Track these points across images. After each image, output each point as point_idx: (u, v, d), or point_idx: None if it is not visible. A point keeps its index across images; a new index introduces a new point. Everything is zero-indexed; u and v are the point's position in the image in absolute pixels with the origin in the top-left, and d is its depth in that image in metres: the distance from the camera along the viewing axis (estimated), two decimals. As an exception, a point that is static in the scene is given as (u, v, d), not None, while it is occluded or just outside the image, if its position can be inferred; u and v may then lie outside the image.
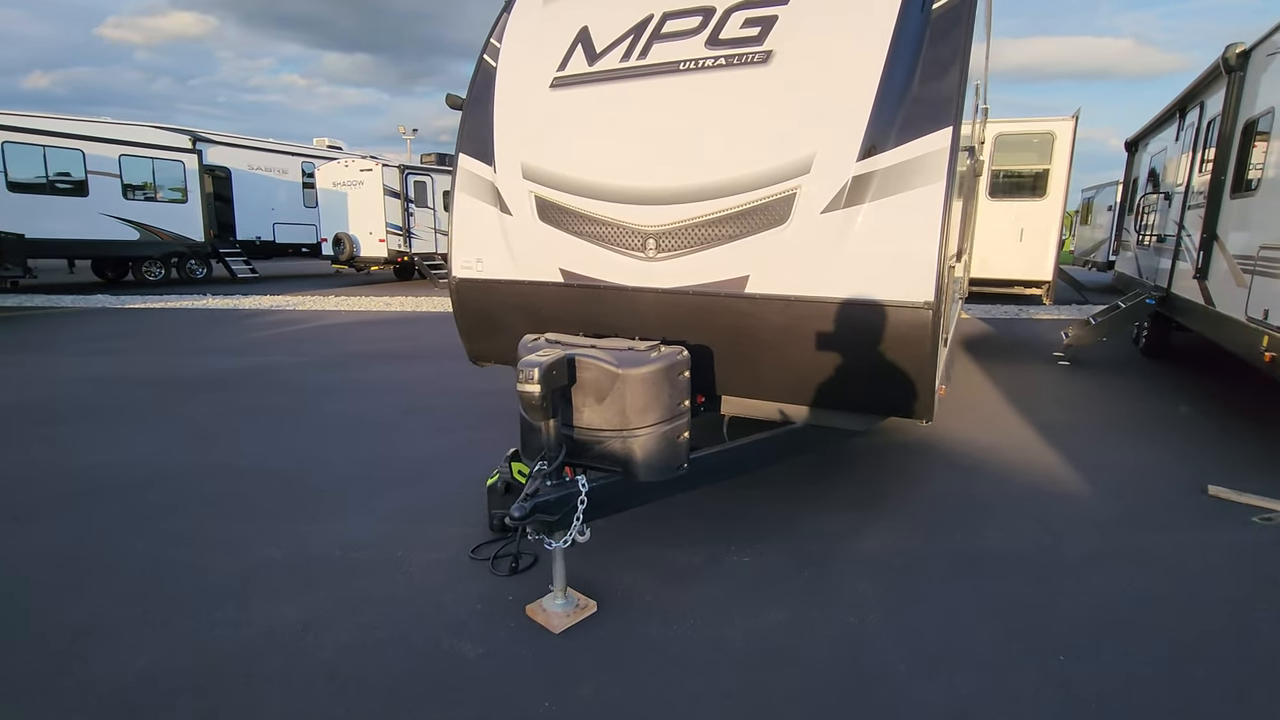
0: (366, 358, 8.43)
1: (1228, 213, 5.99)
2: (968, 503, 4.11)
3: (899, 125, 2.82)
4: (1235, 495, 4.19)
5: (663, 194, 3.29)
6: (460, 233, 3.99)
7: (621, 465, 2.82)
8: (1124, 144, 12.27)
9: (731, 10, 3.17)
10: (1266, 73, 5.63)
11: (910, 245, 2.82)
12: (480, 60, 4.06)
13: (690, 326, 3.37)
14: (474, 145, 3.92)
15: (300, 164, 20.44)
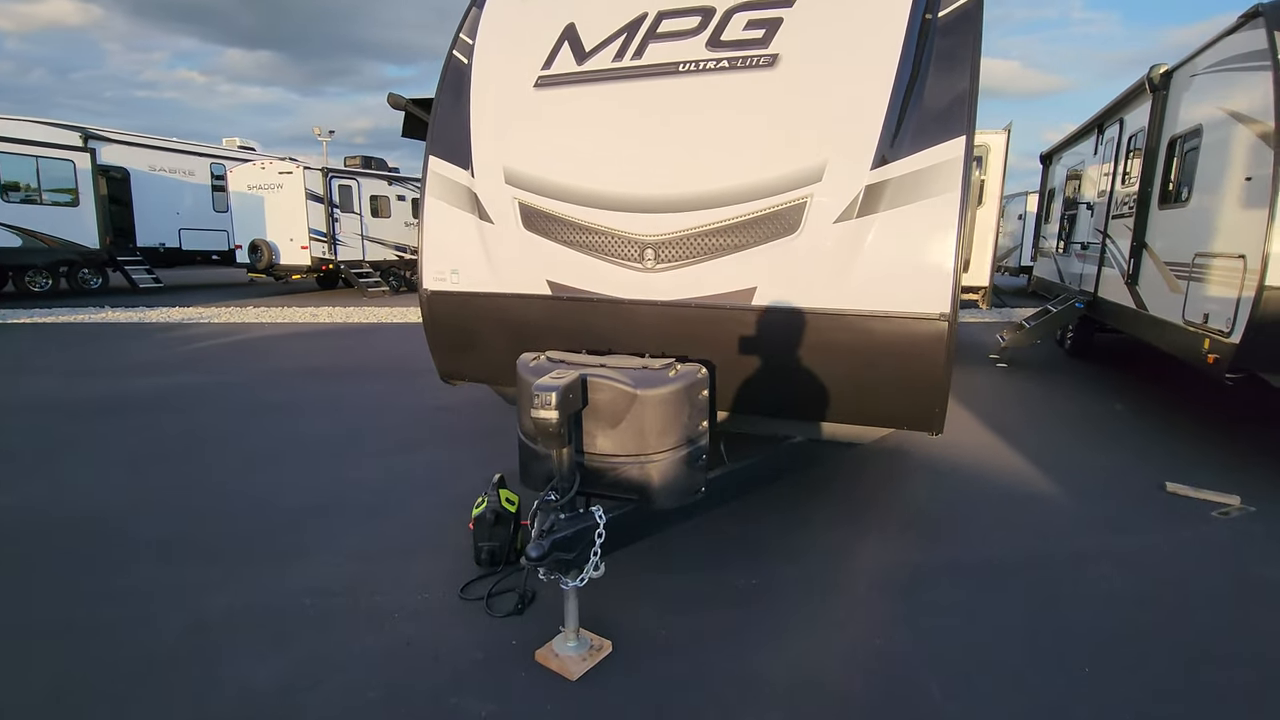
0: (300, 374, 7.83)
1: (1156, 222, 6.39)
2: (952, 510, 4.14)
3: (912, 133, 2.77)
4: (1192, 491, 4.41)
5: (662, 201, 3.12)
6: (432, 242, 3.69)
7: (638, 493, 2.62)
8: (1039, 157, 13.05)
9: (733, 11, 3.04)
10: (1189, 92, 6.04)
11: (925, 256, 2.77)
12: (450, 57, 3.77)
13: (691, 341, 3.21)
14: (446, 148, 3.63)
15: (209, 165, 19.02)
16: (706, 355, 3.17)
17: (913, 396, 2.99)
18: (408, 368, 8.20)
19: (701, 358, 3.15)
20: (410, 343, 10.29)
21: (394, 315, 13.28)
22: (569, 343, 3.38)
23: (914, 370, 2.90)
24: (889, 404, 3.08)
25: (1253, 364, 4.46)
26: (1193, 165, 5.67)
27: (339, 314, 13.30)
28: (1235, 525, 3.97)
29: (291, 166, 15.95)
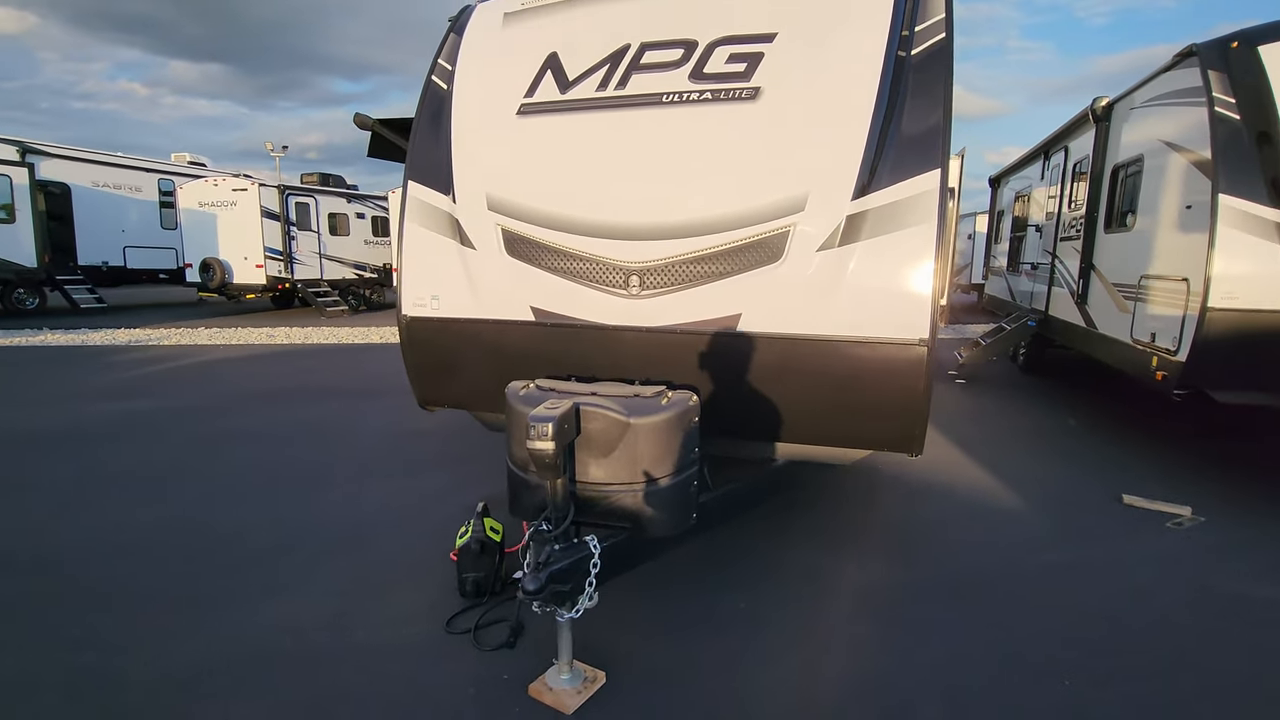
0: (261, 398, 7.58)
1: (1103, 245, 6.73)
2: (925, 526, 4.25)
3: (890, 166, 2.87)
4: (1146, 503, 4.62)
5: (647, 229, 3.15)
6: (412, 267, 3.64)
7: (632, 521, 2.62)
8: (989, 180, 13.62)
9: (715, 45, 3.12)
10: (1129, 124, 6.41)
11: (904, 283, 2.87)
12: (428, 82, 3.76)
13: (676, 366, 3.23)
14: (426, 173, 3.61)
15: (157, 181, 18.38)
16: (691, 380, 3.20)
17: (893, 419, 3.07)
18: (374, 390, 8.03)
19: (686, 383, 3.18)
20: (375, 364, 10.09)
21: (355, 335, 12.99)
22: (553, 368, 3.38)
23: (895, 394, 2.98)
24: (871, 427, 3.16)
25: (1199, 381, 4.71)
26: (1135, 192, 6.01)
27: (297, 335, 12.94)
28: (1189, 535, 4.17)
29: (246, 184, 15.53)
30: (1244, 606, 3.30)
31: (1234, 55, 4.64)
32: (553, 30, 3.46)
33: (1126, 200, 6.26)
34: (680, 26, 3.20)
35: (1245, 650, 2.92)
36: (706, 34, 3.15)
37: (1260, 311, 4.41)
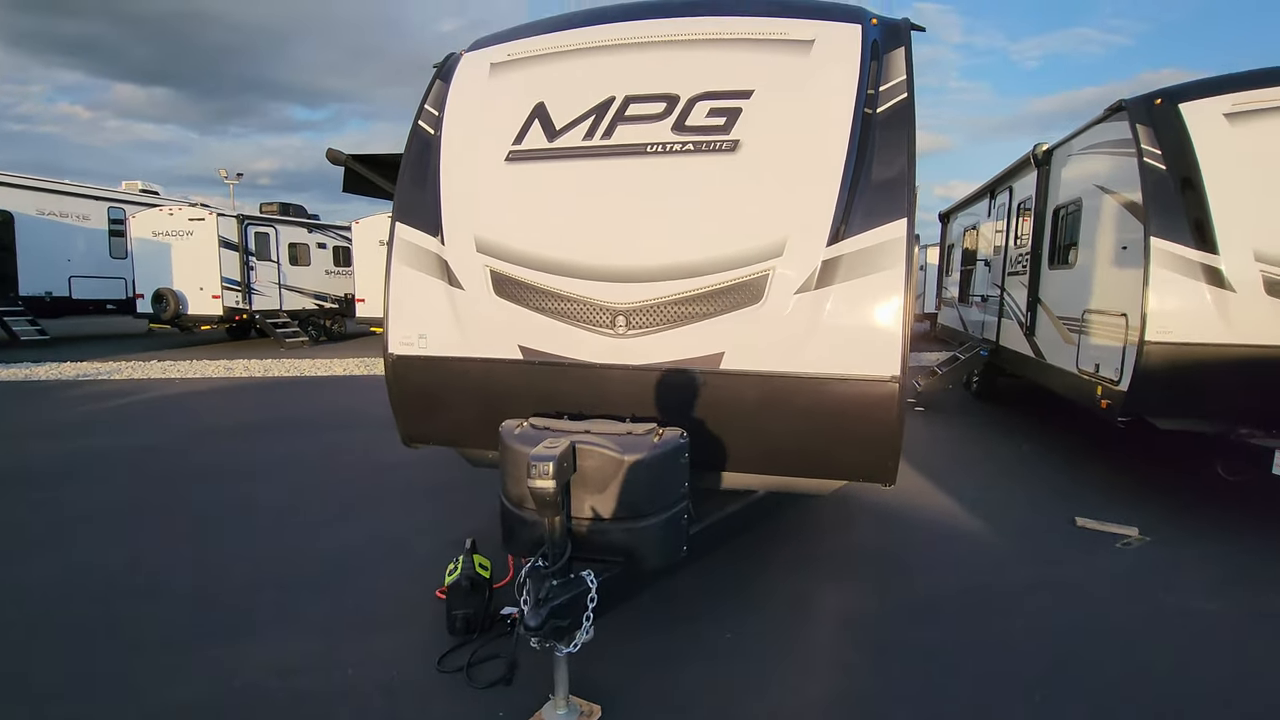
0: (225, 434, 7.41)
1: (1048, 281, 7.17)
2: (896, 552, 4.43)
3: (861, 214, 3.08)
4: (1098, 525, 4.90)
5: (634, 272, 3.29)
6: (399, 307, 3.70)
7: (626, 555, 2.71)
8: (939, 215, 14.29)
9: (696, 100, 3.31)
10: (1067, 169, 6.90)
11: (876, 324, 3.06)
12: (416, 128, 3.86)
13: (662, 403, 3.35)
14: (414, 216, 3.69)
15: (106, 209, 17.84)
16: (676, 417, 3.32)
17: (868, 452, 3.24)
18: (343, 423, 7.93)
19: (672, 419, 3.30)
20: (341, 396, 9.94)
21: (317, 368, 12.76)
22: (540, 405, 3.46)
23: (869, 428, 3.15)
24: (847, 459, 3.32)
25: (1140, 409, 5.06)
26: (1075, 232, 6.45)
27: (256, 367, 12.65)
28: (1138, 554, 4.45)
29: (204, 213, 15.24)
30: (1192, 620, 3.55)
31: (1158, 111, 5.09)
32: (539, 81, 3.61)
33: (1068, 239, 6.71)
34: (663, 81, 3.39)
35: (1196, 659, 3.15)
36: (688, 89, 3.34)
37: (1192, 345, 4.78)
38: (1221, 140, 4.82)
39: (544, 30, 3.78)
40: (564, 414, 3.22)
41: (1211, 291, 4.72)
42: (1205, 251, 4.73)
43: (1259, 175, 4.71)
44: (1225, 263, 4.68)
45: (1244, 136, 4.79)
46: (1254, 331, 4.68)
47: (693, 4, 3.59)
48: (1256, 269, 4.64)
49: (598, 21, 3.64)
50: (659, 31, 3.49)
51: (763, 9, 3.46)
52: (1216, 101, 4.90)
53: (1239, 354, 4.73)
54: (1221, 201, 4.71)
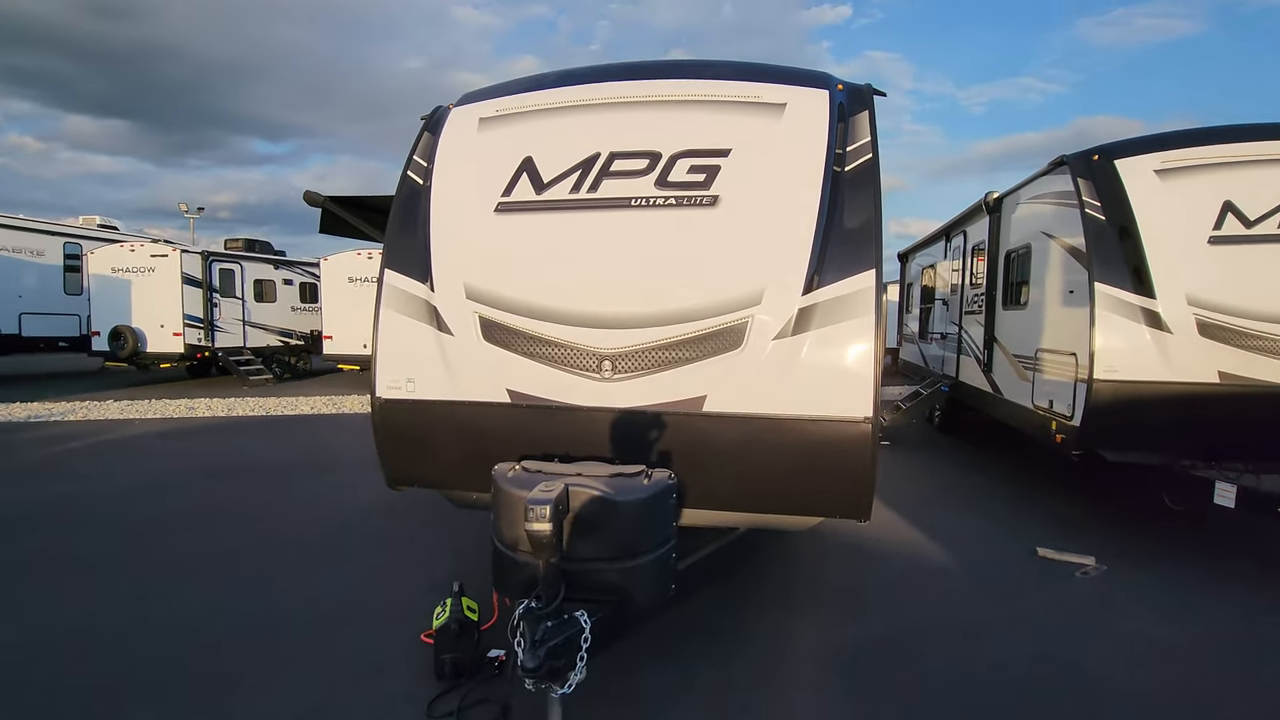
0: (193, 478, 7.24)
1: (1003, 321, 7.55)
2: (870, 586, 4.58)
3: (833, 266, 3.30)
4: (1058, 555, 5.14)
5: (619, 319, 3.44)
6: (387, 352, 3.77)
7: (618, 595, 2.79)
8: (898, 255, 14.89)
9: (677, 157, 3.52)
10: (1015, 216, 7.35)
11: (849, 368, 3.25)
12: (405, 178, 3.99)
13: (647, 444, 3.47)
14: (404, 263, 3.80)
15: (62, 245, 17.40)
16: (661, 458, 3.45)
17: (844, 489, 3.40)
18: (315, 465, 7.82)
19: (657, 460, 3.43)
20: (311, 437, 9.79)
21: (283, 406, 12.54)
22: (527, 447, 3.55)
23: (844, 466, 3.32)
24: (824, 496, 3.48)
25: (1091, 443, 5.36)
26: (1026, 275, 6.85)
27: (220, 406, 12.37)
28: (1095, 584, 4.67)
29: (167, 249, 14.99)
30: (1151, 647, 3.75)
31: (1096, 166, 5.52)
32: (527, 136, 3.79)
33: (1019, 281, 7.11)
34: (645, 139, 3.59)
35: (1154, 683, 3.34)
36: (669, 147, 3.54)
37: (1135, 382, 5.12)
38: (1153, 194, 5.24)
39: (530, 88, 3.97)
40: (554, 457, 3.31)
41: (1151, 333, 5.08)
42: (1144, 296, 5.10)
43: (1186, 226, 5.13)
44: (1162, 306, 5.06)
45: (1172, 191, 5.22)
46: (1190, 370, 5.04)
47: (672, 67, 3.83)
48: (1190, 312, 5.01)
49: (582, 81, 3.85)
50: (641, 92, 3.71)
51: (738, 74, 3.72)
52: (1148, 159, 5.34)
53: (1177, 391, 5.08)
54: (1155, 249, 5.10)
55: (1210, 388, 5.02)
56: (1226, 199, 5.06)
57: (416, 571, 4.62)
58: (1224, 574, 4.79)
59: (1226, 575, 4.77)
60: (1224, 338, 4.97)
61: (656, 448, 3.45)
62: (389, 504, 6.01)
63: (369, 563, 4.84)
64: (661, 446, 3.46)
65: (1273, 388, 4.92)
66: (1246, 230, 5.00)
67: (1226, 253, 5.02)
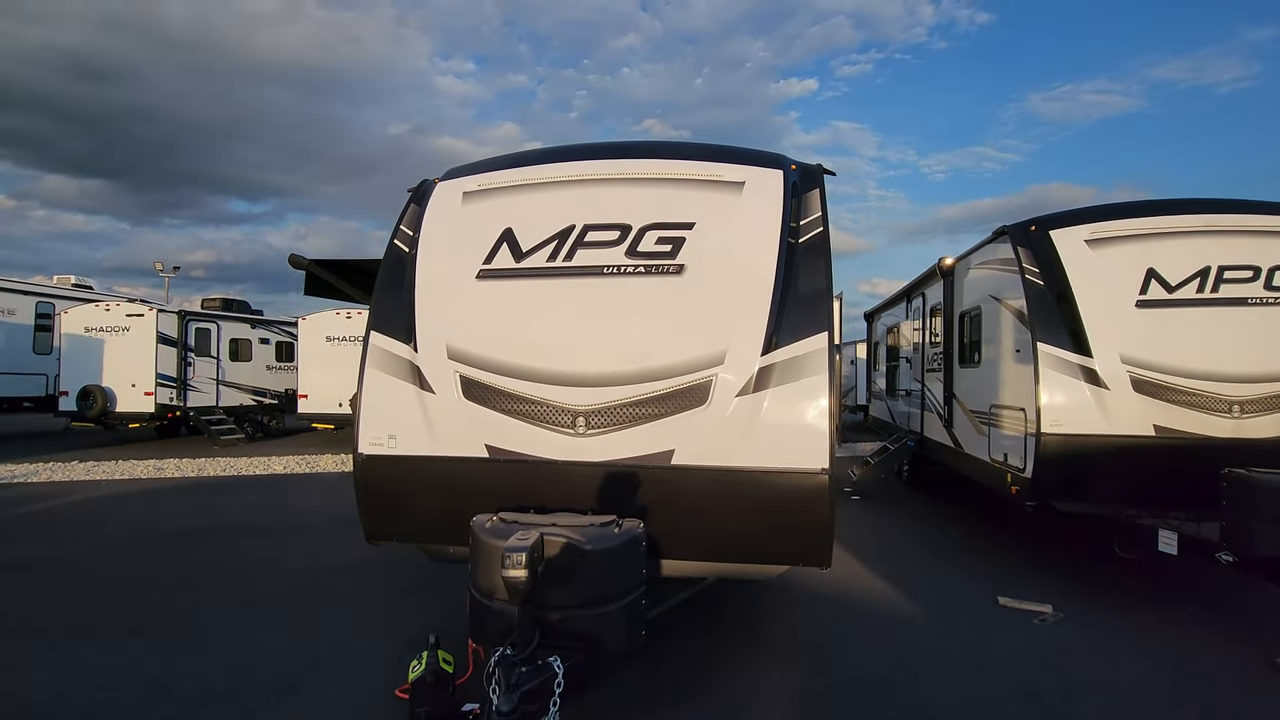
0: (163, 540, 7.15)
1: (960, 378, 7.94)
2: (838, 633, 4.71)
3: (789, 329, 3.59)
4: (1017, 603, 5.33)
5: (592, 377, 3.68)
6: (370, 409, 3.94)
7: (590, 641, 2.92)
8: (864, 315, 15.49)
9: (646, 229, 3.84)
10: (966, 280, 7.84)
11: (807, 423, 3.51)
12: (391, 245, 4.26)
13: (618, 496, 3.66)
14: (389, 325, 4.01)
15: (34, 304, 17.29)
16: (632, 509, 3.63)
17: (805, 537, 3.60)
18: (287, 525, 7.77)
19: (628, 511, 3.60)
20: (282, 496, 9.71)
21: (254, 466, 12.40)
22: (504, 500, 3.71)
23: (804, 515, 3.53)
24: (786, 544, 3.67)
25: (1043, 494, 5.63)
26: (978, 335, 7.28)
27: (190, 467, 12.19)
28: (1053, 630, 4.85)
29: (143, 309, 14.99)
30: (1102, 687, 3.93)
31: (1034, 236, 6.01)
32: (506, 209, 4.10)
33: (973, 341, 7.54)
34: (616, 213, 3.92)
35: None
36: (638, 220, 3.87)
37: (1078, 435, 5.45)
38: (1085, 261, 5.72)
39: (510, 165, 4.32)
40: (529, 508, 3.48)
41: (1090, 389, 5.45)
42: (1082, 355, 5.50)
43: (1115, 290, 5.58)
44: (1099, 364, 5.44)
45: (1102, 258, 5.70)
46: (1127, 423, 5.39)
47: (642, 147, 4.21)
48: (1124, 369, 5.40)
49: (559, 160, 4.20)
50: (613, 170, 4.06)
51: (701, 154, 4.10)
52: (1079, 229, 5.84)
53: (1117, 443, 5.41)
54: (1090, 312, 5.53)
55: (1146, 440, 5.36)
56: (1150, 266, 5.54)
57: (388, 630, 4.65)
58: (1171, 618, 5.01)
59: (1174, 619, 4.99)
60: (1156, 393, 5.35)
61: (628, 500, 3.64)
62: (362, 561, 6.02)
63: (342, 619, 4.85)
64: (632, 498, 3.65)
65: (1202, 439, 5.28)
66: (1168, 295, 5.46)
67: (1153, 315, 5.46)
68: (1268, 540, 4.43)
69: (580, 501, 3.64)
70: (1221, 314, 5.36)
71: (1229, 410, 5.24)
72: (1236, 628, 4.83)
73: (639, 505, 3.61)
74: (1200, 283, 5.41)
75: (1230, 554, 4.71)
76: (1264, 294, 5.33)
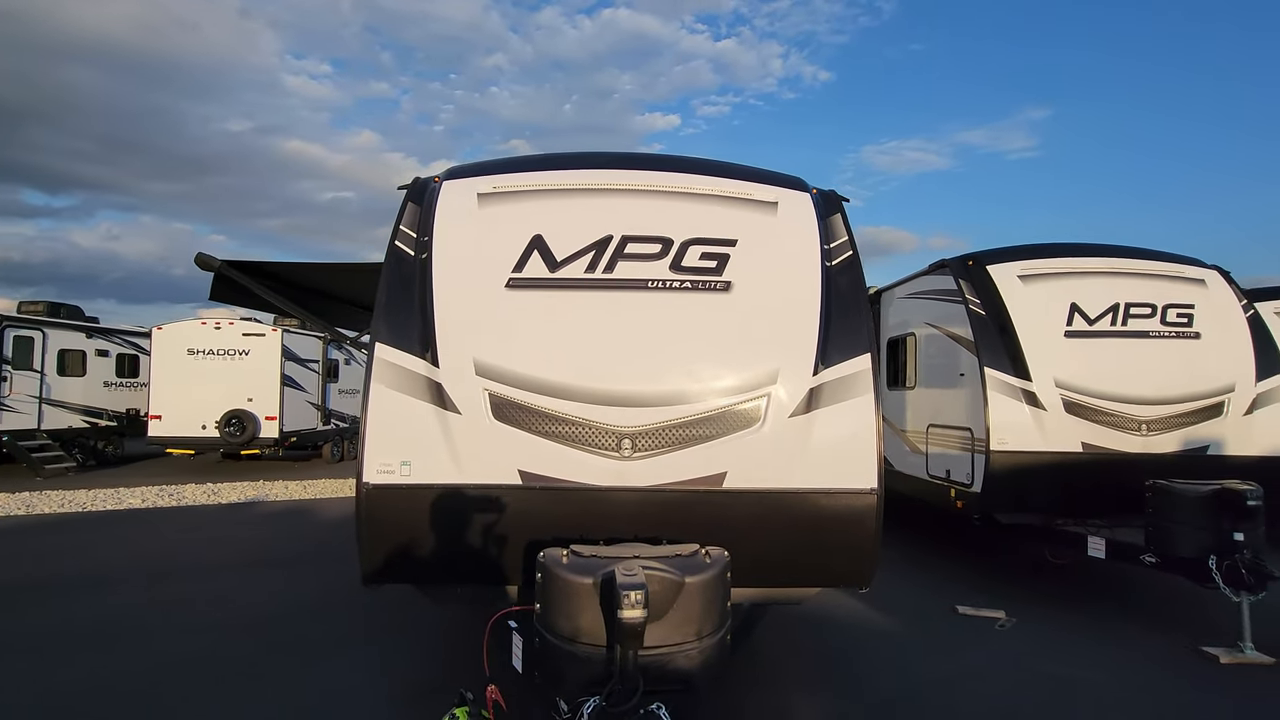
0: (15, 594, 5.81)
1: (888, 400, 8.45)
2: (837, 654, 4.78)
3: (836, 349, 3.61)
4: (975, 611, 5.69)
5: (639, 396, 3.47)
6: (378, 432, 3.44)
7: (684, 681, 2.70)
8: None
9: (688, 244, 3.70)
10: (893, 308, 8.42)
11: (856, 444, 3.52)
12: (394, 249, 3.80)
13: (665, 523, 3.46)
14: (399, 336, 3.55)
15: None
16: (677, 535, 3.44)
17: (850, 557, 3.60)
18: (153, 572, 6.61)
19: (673, 538, 3.41)
20: (153, 535, 8.27)
21: (100, 500, 10.51)
22: (538, 532, 3.39)
23: (853, 535, 3.54)
24: (831, 565, 3.65)
25: (990, 507, 6.10)
26: (910, 361, 7.81)
27: (13, 503, 10.08)
28: (1009, 635, 5.23)
29: (-59, 311, 12.35)
30: (1061, 685, 4.31)
31: (973, 269, 6.58)
32: (534, 214, 3.79)
33: (903, 365, 8.07)
34: (655, 225, 3.75)
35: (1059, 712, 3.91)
36: (679, 234, 3.73)
37: (1021, 452, 5.97)
38: (1020, 294, 6.33)
39: (530, 168, 4.02)
40: (598, 540, 3.18)
41: (1030, 410, 6.01)
42: (1022, 379, 6.05)
43: (1047, 321, 6.22)
44: (1037, 387, 6.02)
45: (1033, 292, 6.34)
46: (1060, 441, 5.99)
47: (671, 161, 4.10)
48: (1057, 393, 6.01)
49: (587, 166, 3.98)
50: (647, 181, 3.91)
51: (732, 172, 4.06)
52: (1012, 265, 6.47)
53: (1052, 459, 5.99)
54: (1027, 340, 6.11)
55: (1076, 455, 5.99)
56: (1073, 300, 6.24)
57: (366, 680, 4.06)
58: (1107, 616, 5.59)
59: (1109, 617, 5.57)
60: (1083, 414, 6.00)
61: (677, 527, 3.45)
62: (284, 613, 5.27)
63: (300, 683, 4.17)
64: (683, 526, 3.46)
65: (1119, 455, 5.98)
66: (1089, 326, 6.18)
67: (1078, 344, 6.14)
68: (1186, 542, 5.08)
69: (622, 530, 3.41)
70: (1130, 345, 6.14)
71: (1139, 429, 5.99)
72: (1164, 622, 5.47)
73: (689, 532, 3.41)
74: (1113, 317, 6.18)
75: (1153, 556, 5.35)
76: (1161, 328, 6.19)
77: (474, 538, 3.45)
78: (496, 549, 3.46)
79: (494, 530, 3.44)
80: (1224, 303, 6.38)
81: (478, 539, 3.45)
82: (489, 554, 3.47)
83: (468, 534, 3.46)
